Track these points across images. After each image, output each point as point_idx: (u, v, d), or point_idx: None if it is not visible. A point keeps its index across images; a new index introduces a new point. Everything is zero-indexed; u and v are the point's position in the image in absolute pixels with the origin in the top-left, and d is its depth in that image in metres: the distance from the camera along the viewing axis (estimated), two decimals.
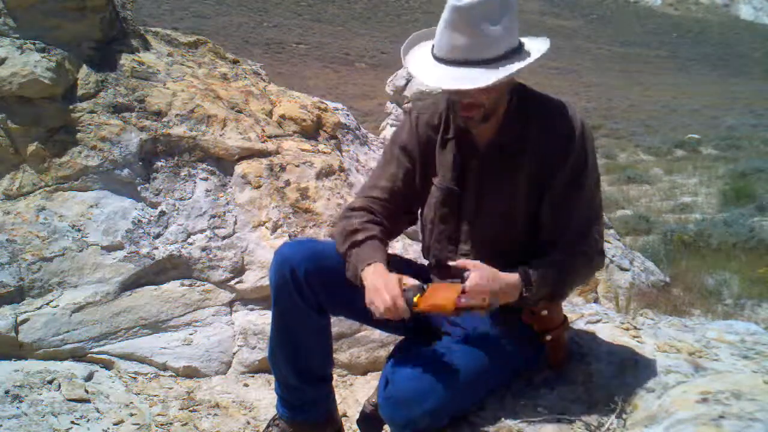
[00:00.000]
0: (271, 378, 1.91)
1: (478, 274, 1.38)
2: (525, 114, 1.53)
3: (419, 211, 1.71)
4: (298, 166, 2.86)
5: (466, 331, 1.57)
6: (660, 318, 2.10)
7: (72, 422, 1.94)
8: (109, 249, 2.42)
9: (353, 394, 2.43)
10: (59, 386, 2.08)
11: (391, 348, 1.69)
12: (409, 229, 3.27)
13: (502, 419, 1.55)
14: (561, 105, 1.54)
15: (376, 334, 2.58)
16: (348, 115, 3.76)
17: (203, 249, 2.55)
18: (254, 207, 2.69)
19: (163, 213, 2.56)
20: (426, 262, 1.77)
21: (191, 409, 2.18)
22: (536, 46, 1.43)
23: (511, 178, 1.53)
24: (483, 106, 1.43)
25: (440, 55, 1.39)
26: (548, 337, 1.60)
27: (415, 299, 1.39)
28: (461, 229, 1.60)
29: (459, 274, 1.42)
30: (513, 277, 1.44)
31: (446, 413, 1.44)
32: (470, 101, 1.42)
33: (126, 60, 2.75)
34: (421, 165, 1.63)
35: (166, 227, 2.54)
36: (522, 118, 1.52)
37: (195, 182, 2.65)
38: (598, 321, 1.99)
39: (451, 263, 1.48)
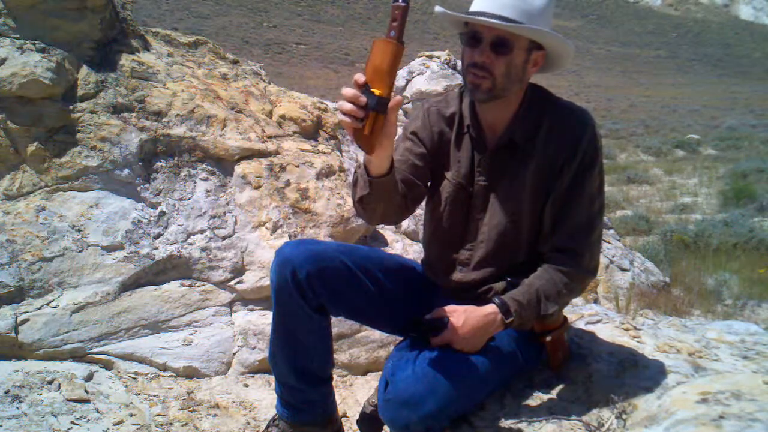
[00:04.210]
0: (271, 378, 1.91)
1: (452, 331, 1.46)
2: (540, 113, 1.54)
3: (425, 203, 1.70)
4: (298, 166, 2.86)
5: None
6: (660, 318, 2.10)
7: (72, 422, 1.94)
8: (109, 249, 2.42)
9: (353, 394, 2.43)
10: (59, 386, 2.08)
11: (391, 348, 1.70)
12: (409, 229, 3.28)
13: (502, 419, 1.55)
14: (578, 111, 1.55)
15: (376, 334, 2.58)
16: None
17: (203, 249, 2.55)
18: (254, 207, 2.69)
19: (163, 213, 2.56)
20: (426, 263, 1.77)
21: (191, 409, 2.18)
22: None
23: (518, 176, 1.54)
24: (493, 77, 1.43)
25: (478, 9, 1.43)
26: (548, 338, 1.60)
27: None
28: (469, 226, 1.61)
29: (439, 325, 1.49)
30: (490, 316, 1.47)
31: (447, 415, 1.44)
32: (483, 61, 1.42)
33: (126, 60, 2.75)
34: (432, 156, 1.62)
35: (166, 227, 2.54)
36: (536, 116, 1.53)
37: (195, 182, 2.65)
38: (598, 321, 1.99)
39: (427, 317, 1.52)
